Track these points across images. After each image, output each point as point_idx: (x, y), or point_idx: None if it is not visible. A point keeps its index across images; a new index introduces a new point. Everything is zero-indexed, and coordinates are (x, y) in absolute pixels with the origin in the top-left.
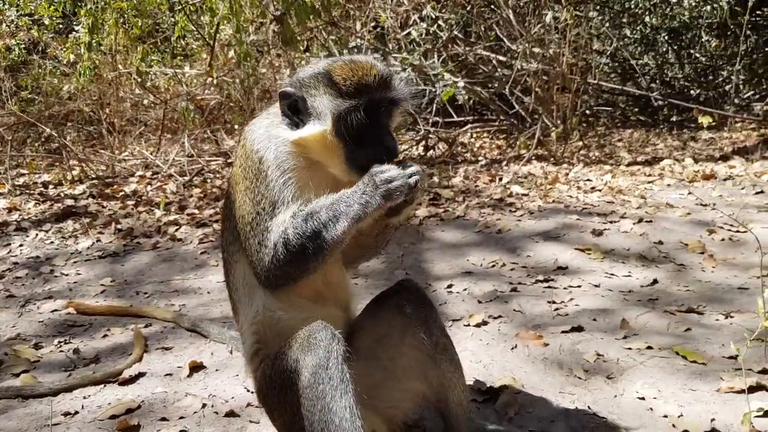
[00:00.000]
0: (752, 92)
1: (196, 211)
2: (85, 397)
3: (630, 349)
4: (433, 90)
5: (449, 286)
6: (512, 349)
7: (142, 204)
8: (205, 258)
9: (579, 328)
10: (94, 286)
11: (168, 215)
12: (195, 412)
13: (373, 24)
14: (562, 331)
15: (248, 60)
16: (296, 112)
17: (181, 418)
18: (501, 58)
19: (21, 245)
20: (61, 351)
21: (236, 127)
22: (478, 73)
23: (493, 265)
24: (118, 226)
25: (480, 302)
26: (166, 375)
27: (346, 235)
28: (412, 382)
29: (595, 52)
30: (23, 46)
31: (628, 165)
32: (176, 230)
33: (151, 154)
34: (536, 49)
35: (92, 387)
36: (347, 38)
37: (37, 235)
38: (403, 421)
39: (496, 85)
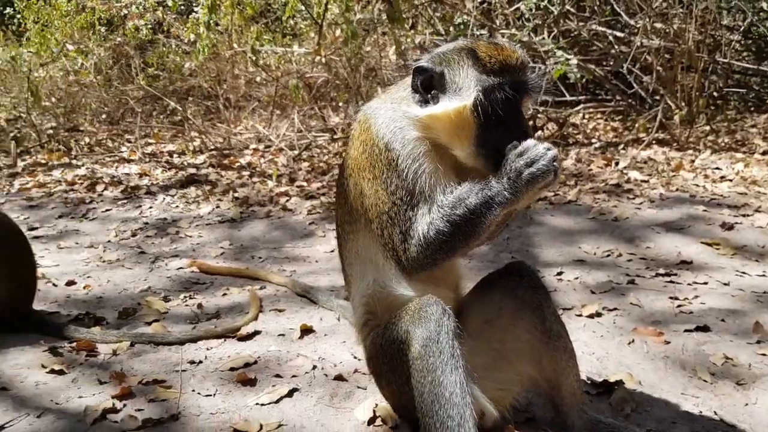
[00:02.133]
0: None
1: (305, 184)
2: (207, 349)
3: (764, 355)
4: (543, 67)
5: (559, 274)
6: (629, 344)
7: (256, 175)
8: (313, 228)
9: (705, 328)
10: (214, 248)
11: (279, 186)
12: (306, 373)
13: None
14: (686, 330)
15: (355, 39)
16: (429, 89)
17: (294, 376)
18: (618, 34)
19: (150, 207)
20: (186, 305)
21: (341, 104)
22: (592, 50)
23: (608, 255)
24: (235, 195)
25: (593, 293)
26: (279, 335)
27: (495, 220)
28: (522, 366)
29: (725, 27)
30: (150, 26)
31: (764, 153)
32: (287, 201)
33: (263, 128)
34: (658, 25)
35: (214, 340)
36: (453, 14)
37: (164, 199)
38: (512, 404)
39: (612, 62)
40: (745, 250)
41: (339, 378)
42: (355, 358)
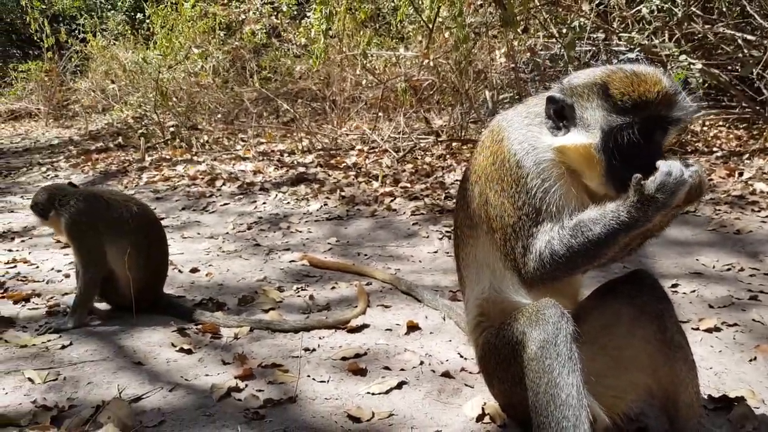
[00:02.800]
0: None
1: (409, 185)
2: (320, 338)
3: None
4: (663, 71)
5: (674, 286)
6: (750, 361)
7: (361, 175)
8: (417, 229)
9: None
10: (322, 243)
11: (384, 187)
12: (414, 367)
13: (597, 2)
14: None
15: (465, 43)
16: (561, 117)
17: (402, 370)
18: (749, 37)
19: (264, 203)
20: (299, 296)
21: (445, 107)
22: (717, 54)
23: (729, 269)
24: (342, 193)
25: (711, 307)
26: (386, 330)
27: (618, 244)
28: (639, 375)
29: None
30: (265, 30)
31: None
32: (391, 201)
33: (368, 130)
34: None
35: (325, 330)
36: (568, 17)
37: (276, 195)
38: (625, 412)
39: (740, 67)
40: None
41: (446, 375)
42: (461, 357)
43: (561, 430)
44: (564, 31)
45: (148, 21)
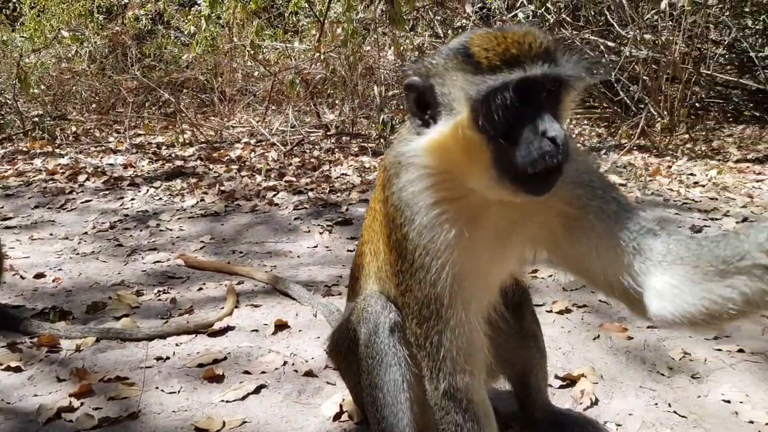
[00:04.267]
0: None
1: (294, 179)
2: (177, 345)
3: (720, 350)
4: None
5: (534, 271)
6: (594, 339)
7: (245, 169)
8: (298, 224)
9: None
10: (194, 241)
11: (268, 181)
12: (276, 369)
13: (480, 5)
14: (648, 327)
15: (354, 38)
16: (425, 107)
17: (263, 372)
18: (609, 43)
19: (132, 199)
20: (160, 299)
21: (335, 102)
22: (583, 59)
23: None
24: (222, 188)
25: (565, 290)
26: (253, 331)
27: None
28: (493, 361)
29: (711, 41)
30: (150, 16)
31: (737, 162)
32: (274, 195)
33: (257, 123)
34: (647, 36)
35: (185, 336)
36: (453, 18)
37: (147, 190)
38: None
39: (602, 71)
40: None
41: (309, 374)
42: (326, 353)
43: (380, 430)
44: (449, 32)
45: (14, 1)
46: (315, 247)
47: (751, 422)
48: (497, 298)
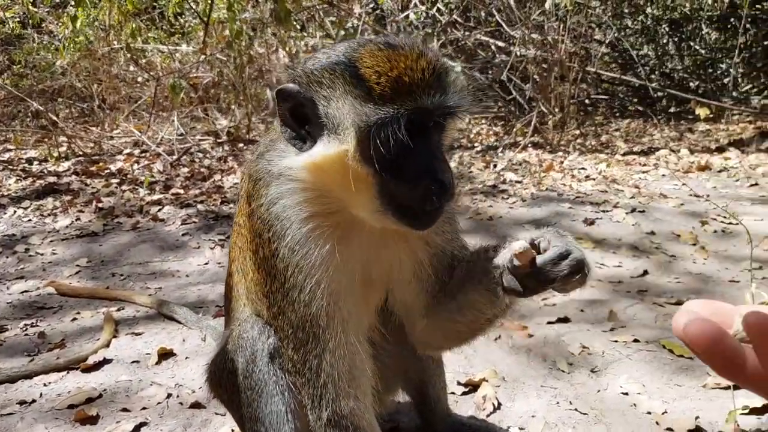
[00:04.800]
0: (750, 86)
1: (181, 191)
2: (45, 385)
3: (616, 341)
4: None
5: None
6: (495, 339)
7: (127, 182)
8: (186, 240)
9: (565, 320)
10: (69, 266)
11: (152, 194)
12: (158, 403)
13: (372, 5)
14: (548, 322)
15: (239, 38)
16: (302, 120)
17: (144, 409)
18: (500, 43)
19: None
20: (26, 334)
21: (231, 106)
22: (476, 59)
23: None
24: (100, 205)
25: None
26: (133, 362)
27: None
28: (391, 377)
29: (596, 41)
30: (18, 19)
31: (624, 154)
32: (159, 210)
33: (142, 132)
34: (535, 36)
35: (54, 374)
36: (345, 19)
37: (15, 212)
38: (380, 413)
39: (494, 71)
40: (604, 243)
41: (196, 406)
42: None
43: None
44: (341, 33)
45: None
46: (206, 264)
47: (649, 413)
48: (376, 317)
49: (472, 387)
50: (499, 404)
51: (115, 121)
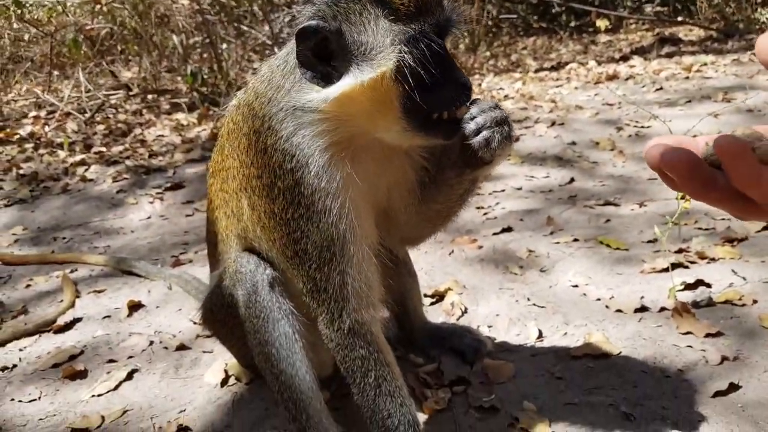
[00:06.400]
0: None
1: (104, 149)
2: (21, 350)
3: (558, 243)
4: None
5: None
6: (450, 254)
7: (43, 146)
8: (122, 196)
9: (509, 229)
10: (5, 236)
11: (73, 155)
12: (143, 350)
13: None
14: (494, 233)
15: None
16: (326, 57)
17: (130, 357)
18: None
19: None
20: None
21: (131, 57)
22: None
23: None
24: (20, 171)
25: None
26: (105, 318)
27: None
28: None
29: None
30: None
31: (536, 71)
32: (86, 170)
33: (42, 92)
34: None
35: (26, 338)
36: None
37: None
38: None
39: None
40: (531, 157)
41: (181, 347)
42: (194, 323)
43: (281, 384)
44: None
45: None
46: (148, 218)
47: (599, 299)
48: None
49: (438, 297)
50: (466, 309)
51: (9, 84)
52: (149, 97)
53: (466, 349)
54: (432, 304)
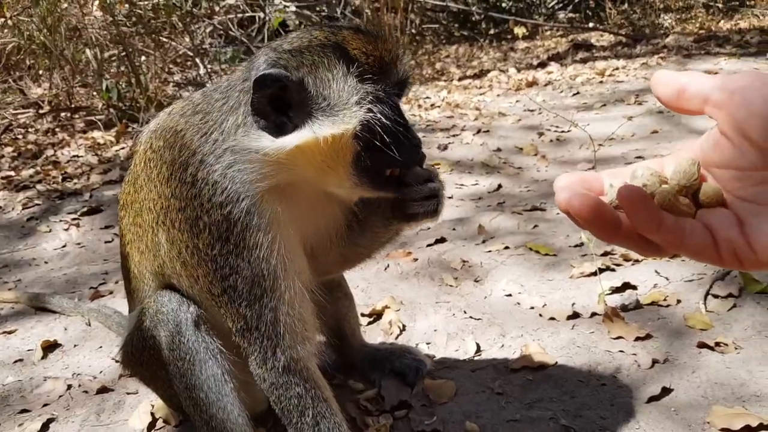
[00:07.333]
0: (555, 1)
1: (12, 173)
2: None
3: (490, 251)
4: (263, 16)
5: None
6: (385, 269)
7: None
8: (34, 224)
9: (442, 240)
10: None
11: None
12: (60, 396)
13: None
14: (428, 245)
15: None
16: (282, 108)
17: (45, 405)
18: None
19: None
20: None
21: (41, 72)
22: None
23: None
24: None
25: None
26: (16, 362)
27: None
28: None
29: None
30: None
31: (460, 80)
32: None
33: None
34: None
35: None
36: None
37: None
38: None
39: (326, 8)
40: (459, 164)
41: (103, 390)
42: (117, 362)
43: (212, 430)
44: None
45: None
46: (63, 246)
47: (532, 308)
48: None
49: (376, 315)
50: (404, 326)
51: None
52: (62, 115)
53: (407, 370)
54: (370, 323)
